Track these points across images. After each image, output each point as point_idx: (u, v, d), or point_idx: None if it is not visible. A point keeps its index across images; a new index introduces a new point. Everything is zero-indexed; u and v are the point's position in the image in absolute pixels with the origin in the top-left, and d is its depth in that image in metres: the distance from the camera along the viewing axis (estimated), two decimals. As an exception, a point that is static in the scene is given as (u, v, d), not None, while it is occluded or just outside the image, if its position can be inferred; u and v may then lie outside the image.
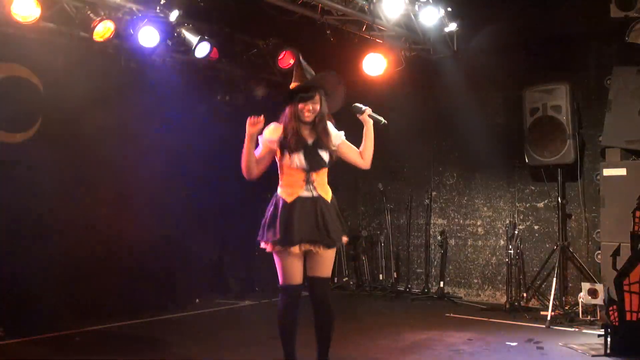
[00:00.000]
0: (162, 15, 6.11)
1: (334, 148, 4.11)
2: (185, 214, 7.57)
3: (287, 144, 3.95)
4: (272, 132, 4.00)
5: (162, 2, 6.04)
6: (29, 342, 5.56)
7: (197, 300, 7.59)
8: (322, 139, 4.04)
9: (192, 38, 6.45)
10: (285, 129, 3.98)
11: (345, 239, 4.11)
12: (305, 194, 3.96)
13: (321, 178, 4.05)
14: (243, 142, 3.97)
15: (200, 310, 7.15)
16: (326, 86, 4.12)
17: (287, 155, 3.95)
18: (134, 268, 7.04)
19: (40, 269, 6.17)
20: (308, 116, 3.99)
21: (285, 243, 3.88)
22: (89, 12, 5.79)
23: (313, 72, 4.13)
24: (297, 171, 3.97)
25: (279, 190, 4.04)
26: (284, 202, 3.94)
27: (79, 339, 5.73)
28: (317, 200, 3.98)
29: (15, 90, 6.18)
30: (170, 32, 6.39)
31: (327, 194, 4.06)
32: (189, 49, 6.53)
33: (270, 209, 4.02)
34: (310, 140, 4.01)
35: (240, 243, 8.07)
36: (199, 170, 7.54)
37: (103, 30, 5.84)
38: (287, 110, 4.02)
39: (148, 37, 6.09)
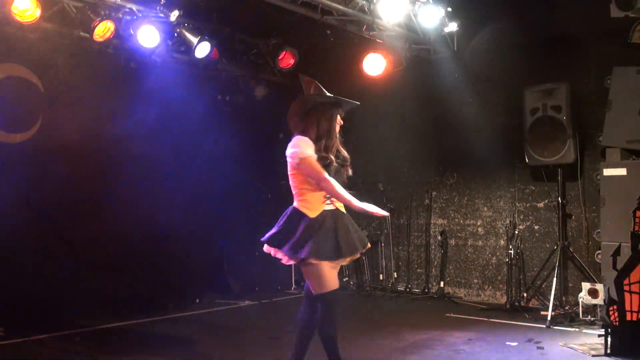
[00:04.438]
0: (162, 15, 6.11)
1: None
2: (185, 213, 7.57)
3: (324, 159, 3.88)
4: (311, 147, 3.87)
5: (162, 2, 6.05)
6: (29, 342, 5.56)
7: (197, 300, 7.59)
8: (340, 156, 4.08)
9: (192, 38, 6.45)
10: (319, 142, 3.89)
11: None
12: (327, 207, 3.95)
13: None
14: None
15: (200, 310, 7.15)
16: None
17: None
18: (134, 268, 7.04)
19: (39, 268, 6.18)
20: (338, 128, 4.02)
21: (339, 256, 3.91)
22: (89, 12, 5.79)
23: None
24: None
25: (299, 205, 3.92)
26: (308, 218, 3.86)
27: (79, 339, 5.74)
28: (336, 213, 3.99)
29: (15, 90, 6.19)
30: (170, 32, 6.39)
31: (341, 206, 4.05)
32: (189, 49, 6.53)
33: (291, 224, 3.88)
34: (332, 156, 4.00)
35: (240, 243, 8.07)
36: (199, 170, 7.54)
37: (103, 30, 5.85)
38: (325, 122, 3.93)
39: (148, 37, 6.10)
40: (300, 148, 3.82)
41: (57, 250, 6.38)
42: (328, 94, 4.03)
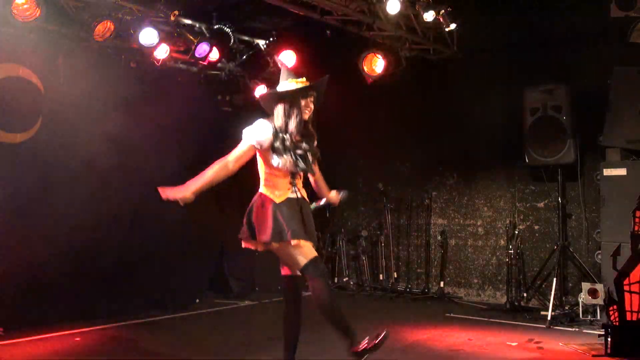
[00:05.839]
0: (162, 15, 6.11)
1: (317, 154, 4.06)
2: (184, 213, 7.55)
3: (281, 145, 3.84)
4: (263, 132, 3.87)
5: (162, 2, 6.04)
6: (29, 342, 5.56)
7: (197, 300, 7.59)
8: (311, 142, 3.99)
9: (192, 38, 6.45)
10: (280, 129, 3.86)
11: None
12: (292, 195, 3.93)
13: (300, 181, 4.04)
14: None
15: (200, 310, 7.15)
16: (322, 90, 4.06)
17: (278, 156, 3.85)
18: (134, 268, 7.03)
19: (40, 268, 6.17)
20: (307, 113, 3.92)
21: (298, 238, 3.81)
22: (89, 12, 5.78)
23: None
24: (285, 173, 3.91)
25: (264, 190, 3.96)
26: (274, 203, 3.87)
27: (79, 339, 5.74)
28: (301, 202, 3.96)
29: (15, 90, 6.18)
30: (170, 32, 6.39)
31: (305, 195, 4.05)
32: (189, 49, 6.53)
33: (257, 210, 3.93)
34: (301, 143, 3.92)
35: (240, 243, 8.06)
36: (198, 170, 7.52)
37: (103, 30, 5.84)
38: (285, 108, 3.90)
39: (148, 37, 6.09)
40: (250, 128, 3.90)
41: (57, 249, 6.37)
42: (296, 79, 3.97)
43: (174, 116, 7.39)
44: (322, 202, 4.36)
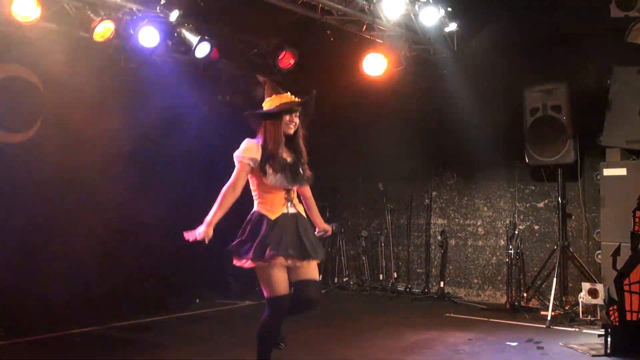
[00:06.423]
0: (162, 15, 6.10)
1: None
2: (185, 213, 7.55)
3: (270, 163, 3.83)
4: (253, 152, 3.86)
5: (162, 2, 6.04)
6: (29, 342, 5.56)
7: (197, 300, 7.59)
8: (300, 155, 3.98)
9: (192, 38, 6.44)
10: (267, 147, 3.86)
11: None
12: (287, 211, 3.90)
13: (295, 194, 4.01)
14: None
15: (200, 310, 7.15)
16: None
17: (269, 174, 3.83)
18: (134, 268, 7.04)
19: (40, 269, 6.18)
20: (291, 129, 3.92)
21: (277, 255, 3.81)
22: (89, 12, 5.78)
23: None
24: (278, 189, 3.89)
25: (259, 207, 3.93)
26: (268, 220, 3.85)
27: (79, 339, 5.74)
28: (297, 216, 3.94)
29: (15, 90, 6.18)
30: (170, 32, 6.38)
31: (302, 210, 4.03)
32: (189, 49, 6.52)
33: (251, 227, 3.93)
34: (289, 158, 3.92)
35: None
36: (199, 170, 7.54)
37: (103, 30, 5.83)
38: (269, 126, 3.90)
39: (148, 37, 6.08)
40: (239, 150, 3.89)
41: (57, 250, 6.38)
42: (279, 95, 3.97)
43: (174, 116, 7.40)
44: (316, 231, 4.25)
